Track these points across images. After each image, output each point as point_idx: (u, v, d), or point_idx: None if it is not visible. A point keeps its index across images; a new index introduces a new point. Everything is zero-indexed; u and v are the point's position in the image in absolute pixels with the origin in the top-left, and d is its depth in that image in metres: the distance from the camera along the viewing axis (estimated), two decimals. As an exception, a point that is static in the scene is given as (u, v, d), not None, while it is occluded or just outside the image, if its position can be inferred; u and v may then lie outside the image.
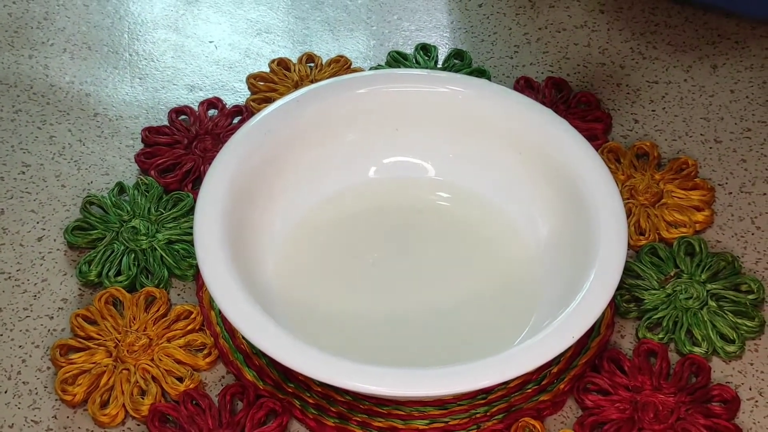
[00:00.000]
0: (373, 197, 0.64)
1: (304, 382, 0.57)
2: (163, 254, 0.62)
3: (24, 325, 0.60)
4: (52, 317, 0.60)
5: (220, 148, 0.61)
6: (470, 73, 0.72)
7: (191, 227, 0.63)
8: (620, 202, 0.58)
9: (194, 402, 0.56)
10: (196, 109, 0.71)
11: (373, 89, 0.64)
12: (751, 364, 0.58)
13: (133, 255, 0.62)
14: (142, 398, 0.56)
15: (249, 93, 0.72)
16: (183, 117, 0.71)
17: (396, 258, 0.61)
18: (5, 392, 0.57)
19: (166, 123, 0.70)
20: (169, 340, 0.58)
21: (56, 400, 0.57)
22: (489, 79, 0.72)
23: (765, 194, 0.67)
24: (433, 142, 0.64)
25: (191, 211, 0.64)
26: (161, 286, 0.61)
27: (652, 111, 0.72)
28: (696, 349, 0.58)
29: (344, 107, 0.63)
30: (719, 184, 0.67)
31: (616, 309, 0.60)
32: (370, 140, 0.64)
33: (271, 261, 0.60)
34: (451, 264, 0.61)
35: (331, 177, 0.64)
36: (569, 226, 0.59)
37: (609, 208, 0.57)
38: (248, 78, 0.73)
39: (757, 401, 0.57)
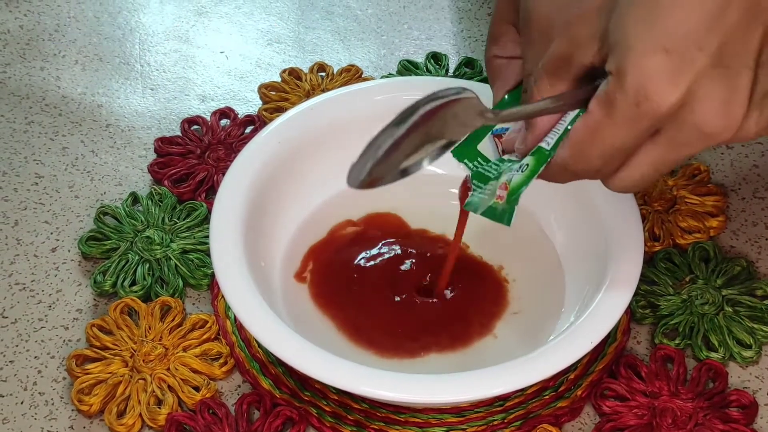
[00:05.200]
0: (391, 202, 0.63)
1: (321, 391, 0.57)
2: (178, 264, 0.62)
3: (39, 335, 0.60)
4: (68, 328, 0.60)
5: (234, 157, 0.61)
6: (481, 81, 0.72)
7: (205, 237, 0.63)
8: (635, 208, 0.58)
9: (211, 411, 0.56)
10: (208, 119, 0.71)
11: (388, 97, 0.64)
12: (768, 369, 0.58)
13: (147, 265, 0.62)
14: (159, 408, 0.56)
15: (261, 103, 0.73)
16: (195, 127, 0.71)
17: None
18: (21, 403, 0.57)
19: (178, 133, 0.70)
20: (184, 350, 0.58)
21: (73, 410, 0.57)
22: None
23: (778, 199, 0.67)
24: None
25: (205, 220, 0.64)
26: (176, 295, 0.61)
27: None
28: (713, 355, 0.58)
29: (358, 115, 0.63)
30: (732, 190, 0.67)
31: (632, 315, 0.60)
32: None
33: (287, 269, 0.60)
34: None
35: (345, 185, 0.64)
36: (585, 233, 0.59)
37: (624, 214, 0.57)
38: (260, 88, 0.73)
39: (774, 406, 0.57)
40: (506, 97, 0.52)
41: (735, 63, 0.42)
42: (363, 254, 0.61)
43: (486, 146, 0.53)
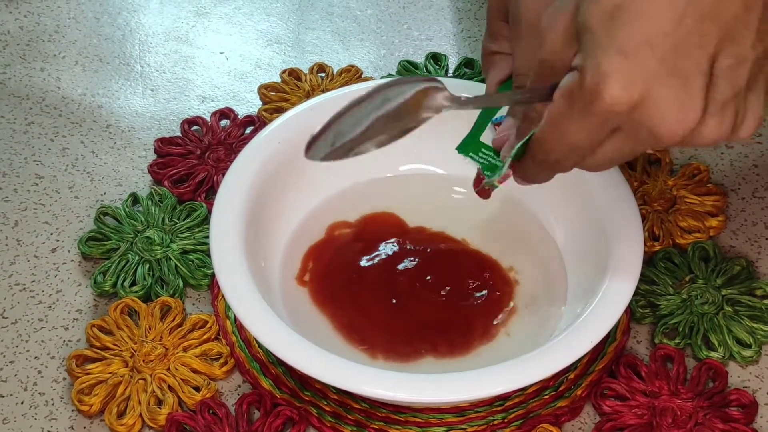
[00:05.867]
0: (389, 201, 0.63)
1: (321, 390, 0.57)
2: (178, 264, 0.62)
3: (39, 336, 0.60)
4: (68, 328, 0.60)
5: (234, 157, 0.61)
6: (481, 81, 0.72)
7: (205, 237, 0.63)
8: (635, 208, 0.58)
9: (211, 411, 0.56)
10: (208, 119, 0.71)
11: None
12: (768, 369, 0.58)
13: (147, 265, 0.62)
14: (159, 408, 0.56)
15: (260, 103, 0.73)
16: (195, 127, 0.71)
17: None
18: (22, 403, 0.57)
19: (178, 134, 0.70)
20: (185, 350, 0.58)
21: (73, 410, 0.57)
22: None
23: (778, 199, 0.67)
24: (447, 149, 0.64)
25: (205, 220, 0.64)
26: (176, 295, 0.61)
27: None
28: (713, 354, 0.58)
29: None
30: (732, 190, 0.67)
31: (632, 315, 0.60)
32: (385, 149, 0.64)
33: (287, 269, 0.60)
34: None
35: (346, 185, 0.64)
36: (585, 232, 0.59)
37: (624, 214, 0.57)
38: (260, 88, 0.73)
39: (774, 406, 0.57)
40: (498, 89, 0.54)
41: (690, 69, 0.43)
42: (362, 253, 0.61)
43: (489, 137, 0.54)
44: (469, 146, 0.54)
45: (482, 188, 0.54)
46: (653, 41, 0.42)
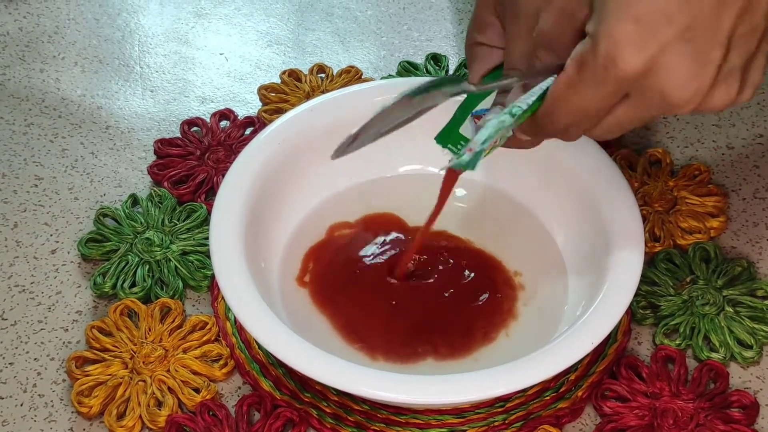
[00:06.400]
0: (389, 201, 0.63)
1: (321, 392, 0.57)
2: (178, 265, 0.62)
3: (39, 337, 0.60)
4: (67, 329, 0.60)
5: (233, 158, 0.61)
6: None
7: (205, 238, 0.63)
8: (636, 209, 0.57)
9: (211, 413, 0.56)
10: (208, 120, 0.71)
11: (387, 98, 0.63)
12: (769, 370, 0.58)
13: (147, 266, 0.62)
14: (159, 409, 0.56)
15: (260, 104, 0.73)
16: (195, 128, 0.71)
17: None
18: (21, 405, 0.57)
19: (178, 135, 0.70)
20: (184, 351, 0.58)
21: (72, 412, 0.57)
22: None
23: (779, 200, 0.67)
24: (447, 150, 0.64)
25: (205, 222, 0.64)
26: (176, 297, 0.61)
27: (664, 118, 0.72)
28: (714, 355, 0.58)
29: (358, 117, 0.63)
30: (733, 190, 0.67)
31: (632, 316, 0.60)
32: (385, 150, 0.64)
33: (287, 270, 0.60)
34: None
35: (346, 185, 0.64)
36: (586, 233, 0.59)
37: (625, 215, 0.57)
38: (259, 89, 0.73)
39: (776, 407, 0.57)
40: (483, 80, 0.54)
41: (706, 39, 0.44)
42: (362, 254, 0.61)
43: (468, 130, 0.54)
44: (448, 137, 0.54)
45: (449, 171, 0.54)
46: (668, 9, 0.43)
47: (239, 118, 0.71)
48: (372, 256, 0.61)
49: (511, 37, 0.51)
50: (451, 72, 0.74)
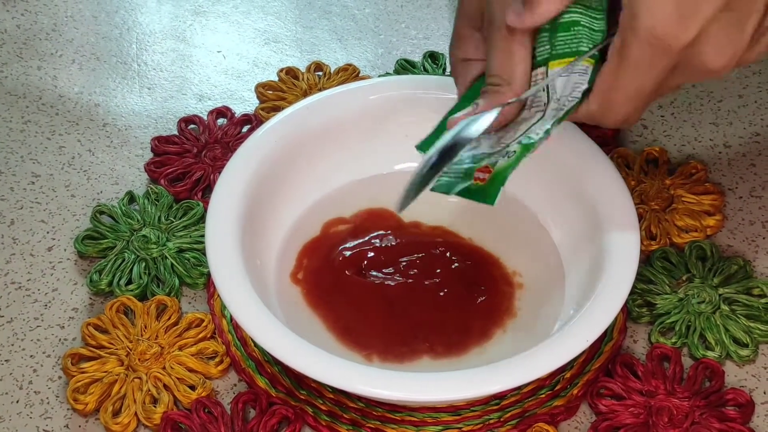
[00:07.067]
0: (383, 198, 0.63)
1: (317, 389, 0.57)
2: (174, 263, 0.62)
3: (35, 334, 0.60)
4: (63, 326, 0.60)
5: (230, 156, 0.61)
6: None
7: (202, 236, 0.63)
8: (632, 207, 0.57)
9: (206, 410, 0.56)
10: (205, 118, 0.71)
11: (384, 96, 0.64)
12: (765, 368, 0.58)
13: (143, 264, 0.62)
14: (154, 406, 0.56)
15: (258, 102, 0.73)
16: (192, 126, 0.71)
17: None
18: (17, 402, 0.57)
19: (175, 132, 0.70)
20: (180, 349, 0.58)
21: (68, 409, 0.57)
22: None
23: (775, 198, 0.67)
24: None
25: (202, 219, 0.64)
26: (172, 294, 0.61)
27: (661, 116, 0.72)
28: (709, 353, 0.58)
29: (354, 114, 0.63)
30: (729, 189, 0.67)
31: (628, 314, 0.60)
32: (381, 147, 0.64)
33: (282, 268, 0.60)
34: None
35: (341, 182, 0.64)
36: (582, 231, 0.59)
37: (621, 213, 0.57)
38: (257, 87, 0.73)
39: (771, 405, 0.57)
40: (467, 92, 0.55)
41: (744, 7, 0.45)
42: (357, 250, 0.61)
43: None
44: (429, 145, 0.54)
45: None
46: None
47: (236, 115, 0.71)
48: (367, 252, 0.61)
49: (493, 47, 0.52)
50: (447, 71, 0.74)
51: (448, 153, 0.50)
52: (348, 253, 0.61)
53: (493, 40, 0.52)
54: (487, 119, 0.51)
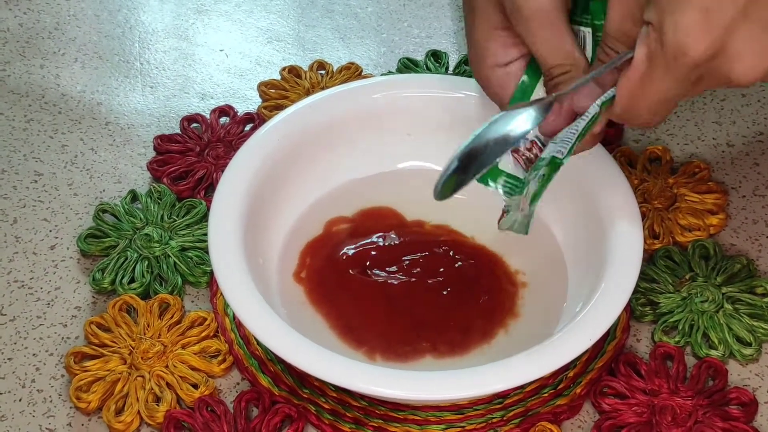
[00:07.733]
0: (386, 196, 0.63)
1: (320, 388, 0.57)
2: (177, 261, 0.62)
3: (38, 333, 0.60)
4: (66, 325, 0.60)
5: (233, 154, 0.61)
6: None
7: (204, 234, 0.63)
8: (635, 206, 0.57)
9: (209, 408, 0.56)
10: (207, 116, 0.71)
11: (386, 94, 0.64)
12: (768, 367, 0.58)
13: (146, 262, 0.62)
14: (157, 405, 0.56)
15: (260, 100, 0.73)
16: (195, 125, 0.71)
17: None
18: (20, 400, 0.57)
19: (177, 131, 0.70)
20: (183, 347, 0.58)
21: (71, 407, 0.57)
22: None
23: (779, 197, 0.67)
24: (446, 147, 0.64)
25: (204, 218, 0.64)
26: (175, 293, 0.61)
27: (664, 115, 0.71)
28: (712, 352, 0.58)
29: (357, 113, 0.63)
30: (732, 188, 0.67)
31: (631, 313, 0.60)
32: (383, 146, 0.64)
33: (285, 266, 0.60)
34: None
35: (344, 181, 0.64)
36: (585, 230, 0.59)
37: (624, 211, 0.57)
38: (259, 86, 0.73)
39: (774, 404, 0.57)
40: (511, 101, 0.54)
41: (766, 14, 0.45)
42: (359, 248, 0.61)
43: (508, 163, 0.55)
44: (488, 173, 0.54)
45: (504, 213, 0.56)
46: None
47: (239, 114, 0.71)
48: (370, 251, 0.61)
49: (534, 39, 0.51)
50: (450, 69, 0.74)
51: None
52: (351, 251, 0.61)
53: (531, 29, 0.51)
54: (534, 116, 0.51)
